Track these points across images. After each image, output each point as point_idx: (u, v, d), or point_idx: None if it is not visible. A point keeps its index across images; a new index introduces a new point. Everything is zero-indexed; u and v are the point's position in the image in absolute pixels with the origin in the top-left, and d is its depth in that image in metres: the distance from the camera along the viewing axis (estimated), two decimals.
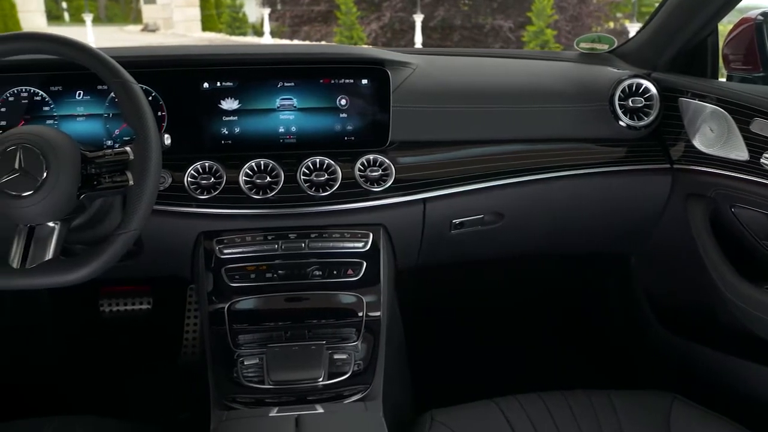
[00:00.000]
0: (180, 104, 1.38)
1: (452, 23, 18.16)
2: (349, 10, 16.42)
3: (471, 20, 18.32)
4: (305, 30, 19.71)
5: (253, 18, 22.29)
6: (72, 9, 26.91)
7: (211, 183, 1.35)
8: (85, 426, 1.23)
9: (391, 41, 18.07)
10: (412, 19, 17.58)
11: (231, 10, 21.30)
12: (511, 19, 17.58)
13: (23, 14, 16.85)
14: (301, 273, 1.35)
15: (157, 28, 23.31)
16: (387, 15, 18.43)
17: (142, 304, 2.17)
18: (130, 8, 29.42)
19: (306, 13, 19.86)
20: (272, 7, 20.56)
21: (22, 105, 1.37)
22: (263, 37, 19.19)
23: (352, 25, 16.46)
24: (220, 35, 20.49)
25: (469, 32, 18.26)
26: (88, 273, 1.06)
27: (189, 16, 22.68)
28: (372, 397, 1.22)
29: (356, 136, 1.42)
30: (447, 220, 1.47)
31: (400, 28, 18.55)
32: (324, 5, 19.44)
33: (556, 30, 15.57)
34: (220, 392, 1.23)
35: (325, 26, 19.31)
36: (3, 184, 1.02)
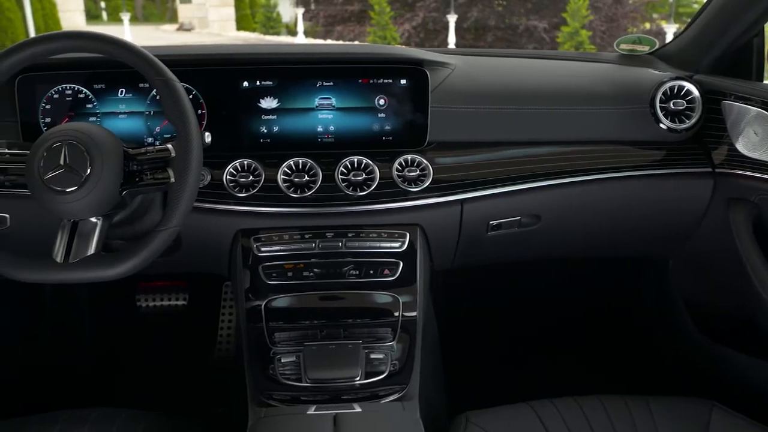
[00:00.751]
0: (220, 102, 1.39)
1: (486, 24, 18.05)
2: (383, 10, 16.42)
3: (505, 21, 18.20)
4: (338, 30, 19.75)
5: (286, 18, 22.41)
6: (110, 8, 27.37)
7: (250, 181, 1.36)
8: (123, 418, 1.25)
9: (424, 41, 18.03)
10: (446, 19, 17.51)
11: (265, 9, 21.42)
12: (546, 20, 17.43)
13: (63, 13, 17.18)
14: (338, 272, 1.35)
15: (192, 28, 23.57)
16: (420, 15, 18.39)
17: (178, 299, 2.19)
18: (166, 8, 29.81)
19: (339, 12, 19.90)
20: (306, 7, 20.65)
21: (66, 102, 1.39)
22: (297, 36, 19.28)
23: (385, 25, 16.46)
24: (254, 34, 20.63)
25: (503, 33, 18.14)
26: (129, 268, 1.08)
27: (224, 15, 22.89)
28: (409, 397, 1.22)
29: (394, 136, 1.42)
30: (484, 222, 1.47)
31: (433, 28, 18.49)
32: (357, 5, 19.46)
33: (591, 31, 15.41)
34: (258, 389, 1.24)
35: (358, 26, 19.33)
36: (48, 180, 1.05)
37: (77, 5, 21.62)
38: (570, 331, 2.19)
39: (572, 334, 2.18)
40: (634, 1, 17.28)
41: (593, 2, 15.65)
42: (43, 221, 1.22)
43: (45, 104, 1.39)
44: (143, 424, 1.23)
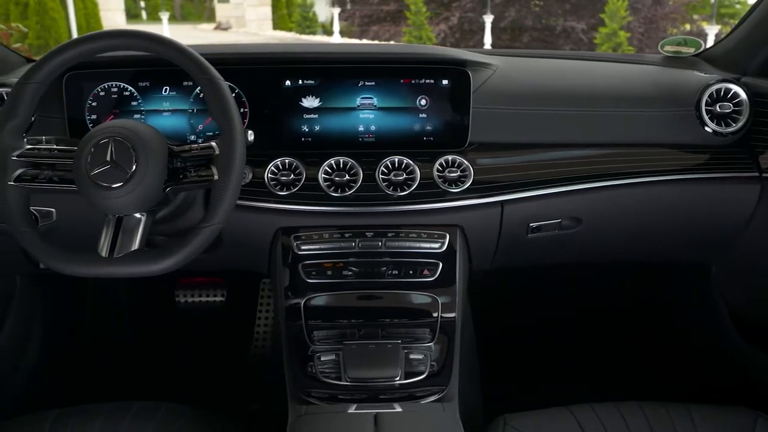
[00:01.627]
0: (262, 101, 1.40)
1: (522, 24, 17.91)
2: (419, 10, 16.37)
3: (542, 21, 18.04)
4: (374, 30, 19.76)
5: (322, 17, 22.49)
6: (149, 8, 27.74)
7: (291, 179, 1.37)
8: (162, 411, 1.26)
9: (459, 42, 17.95)
10: (482, 19, 17.41)
11: (302, 9, 21.54)
12: (584, 21, 17.23)
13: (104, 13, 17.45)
14: (377, 272, 1.36)
15: (229, 27, 23.79)
16: (456, 15, 18.32)
17: (216, 296, 2.22)
18: (204, 7, 30.11)
19: (375, 12, 19.91)
20: (342, 7, 20.71)
21: (111, 100, 1.42)
22: (332, 36, 19.35)
23: (421, 25, 16.41)
24: (291, 34, 20.76)
25: (540, 33, 17.99)
26: (172, 264, 1.10)
27: (261, 15, 23.06)
28: (448, 398, 1.22)
29: (435, 136, 1.42)
30: (524, 224, 1.45)
31: (469, 29, 18.40)
32: (393, 5, 19.45)
33: (629, 32, 15.18)
34: (297, 386, 1.24)
35: (394, 26, 19.32)
36: (95, 176, 1.06)
37: (118, 4, 21.96)
38: (607, 335, 2.16)
39: (610, 338, 2.16)
40: (674, 2, 16.99)
41: (632, 3, 15.42)
42: (87, 216, 1.24)
43: (91, 101, 1.42)
44: (182, 419, 1.25)
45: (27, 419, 1.25)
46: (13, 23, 8.54)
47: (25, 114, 1.14)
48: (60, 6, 12.90)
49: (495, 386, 1.72)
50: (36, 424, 1.22)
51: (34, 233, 1.13)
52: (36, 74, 1.14)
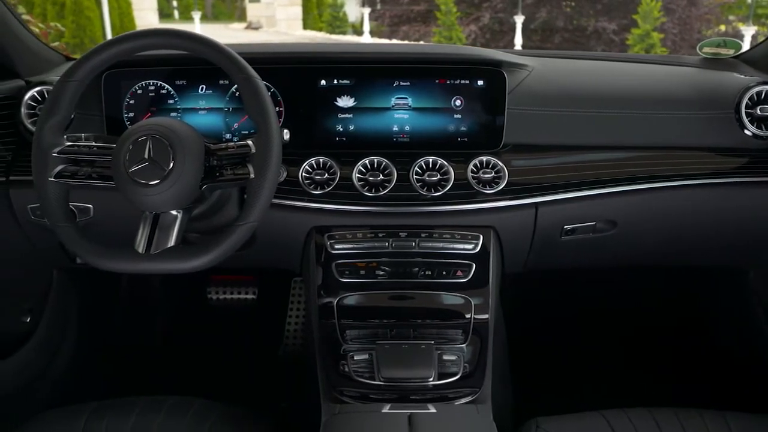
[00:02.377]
0: (297, 100, 1.41)
1: (554, 25, 17.78)
2: (449, 10, 16.31)
3: (573, 22, 17.89)
4: (404, 30, 19.75)
5: (352, 17, 22.53)
6: (181, 7, 28.00)
7: (325, 179, 1.37)
8: (196, 407, 1.28)
9: (489, 42, 17.87)
10: (512, 20, 17.32)
11: (332, 9, 21.60)
12: (615, 22, 17.05)
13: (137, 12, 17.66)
14: (410, 272, 1.35)
15: (260, 26, 23.93)
16: (486, 16, 18.24)
17: (248, 294, 2.23)
18: (235, 6, 30.34)
19: (405, 12, 19.90)
20: (372, 7, 20.74)
21: (149, 98, 1.43)
22: (362, 36, 19.38)
23: (451, 25, 16.36)
24: (321, 33, 20.81)
25: (571, 34, 17.84)
26: (208, 261, 1.10)
27: (291, 14, 23.15)
28: (482, 400, 1.21)
29: (470, 137, 1.41)
30: (558, 226, 1.44)
31: (499, 29, 18.31)
32: (423, 5, 19.42)
33: (663, 33, 14.98)
34: (330, 385, 1.25)
35: (423, 26, 19.29)
36: (133, 173, 1.07)
37: (151, 4, 22.19)
38: (641, 340, 2.13)
39: (643, 343, 2.13)
40: (709, 3, 16.72)
41: (666, 4, 15.21)
42: (123, 213, 1.25)
43: (129, 99, 1.43)
44: (214, 415, 1.26)
45: (64, 412, 1.27)
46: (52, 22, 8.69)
47: (65, 111, 1.16)
48: (95, 5, 13.08)
49: (524, 388, 1.71)
50: (73, 417, 1.24)
51: (72, 228, 1.14)
52: (77, 72, 1.15)
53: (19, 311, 1.63)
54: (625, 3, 16.77)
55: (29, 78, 1.51)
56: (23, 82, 1.49)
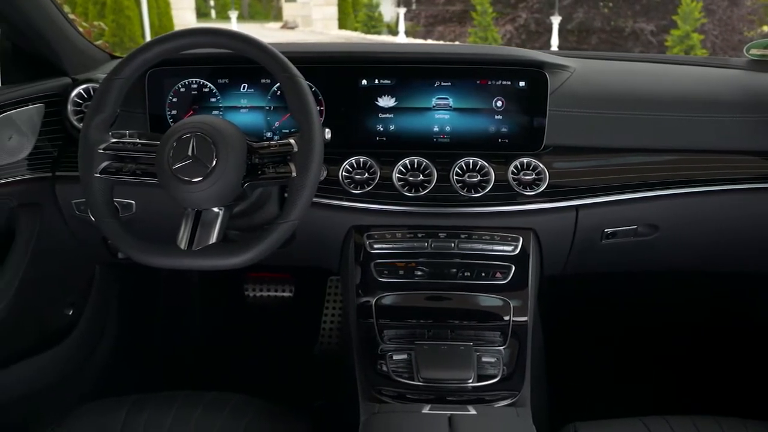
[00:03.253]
0: (338, 100, 1.41)
1: (591, 26, 17.60)
2: (485, 10, 16.24)
3: (611, 23, 17.69)
4: (439, 30, 19.72)
5: (387, 17, 22.56)
6: (218, 6, 28.29)
7: (365, 178, 1.37)
8: (233, 403, 1.29)
9: (525, 43, 17.75)
10: (549, 20, 17.18)
11: (367, 9, 21.65)
12: (654, 23, 16.83)
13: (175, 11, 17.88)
14: (449, 273, 1.35)
15: (296, 26, 24.06)
16: (523, 16, 18.13)
17: (284, 291, 2.25)
18: (271, 6, 30.56)
19: (441, 13, 19.87)
20: (407, 7, 20.74)
21: (191, 96, 1.45)
22: (397, 36, 19.39)
23: (487, 25, 16.28)
24: (356, 33, 20.87)
25: (608, 35, 17.64)
26: (249, 258, 1.11)
27: (327, 14, 23.25)
28: (521, 403, 1.20)
29: (510, 138, 1.40)
30: (599, 229, 1.43)
31: (535, 30, 18.18)
32: (459, 5, 19.37)
33: (703, 34, 14.73)
34: (368, 384, 1.25)
35: (459, 26, 19.24)
36: (176, 170, 1.09)
37: (188, 3, 22.44)
38: (681, 346, 2.10)
39: (683, 349, 2.09)
40: (752, 3, 16.39)
41: (707, 4, 14.94)
42: (165, 209, 1.27)
43: (172, 97, 1.45)
44: (252, 411, 1.27)
45: (105, 403, 1.29)
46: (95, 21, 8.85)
47: (111, 108, 1.17)
48: (134, 5, 13.28)
49: (561, 392, 1.69)
50: (114, 409, 1.26)
51: (116, 224, 1.16)
52: (123, 70, 1.17)
53: (62, 304, 1.66)
54: (664, 3, 16.54)
55: (76, 75, 1.54)
56: (70, 80, 1.52)
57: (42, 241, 1.46)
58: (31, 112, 1.42)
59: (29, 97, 1.42)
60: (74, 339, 1.66)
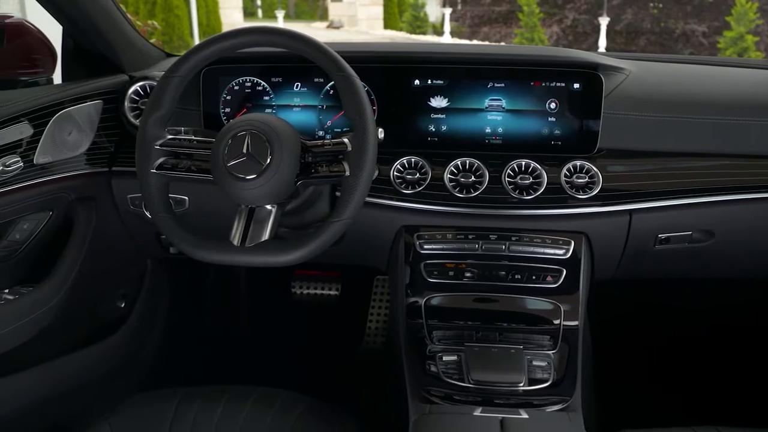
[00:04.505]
0: (391, 99, 1.42)
1: (639, 27, 17.32)
2: (532, 11, 16.12)
3: (660, 24, 17.38)
4: (484, 31, 19.63)
5: (433, 17, 22.53)
6: (265, 6, 28.61)
7: (416, 178, 1.37)
8: (282, 399, 1.29)
9: (572, 44, 17.54)
10: (596, 21, 16.96)
11: (413, 9, 21.65)
12: (705, 24, 16.48)
13: (223, 10, 18.14)
14: (499, 275, 1.34)
15: (341, 26, 24.21)
16: (570, 17, 17.93)
17: (331, 290, 2.26)
18: (317, 6, 30.78)
19: (487, 13, 19.77)
20: (453, 8, 20.69)
21: (245, 94, 1.46)
22: (443, 36, 19.36)
23: (533, 26, 16.16)
24: (401, 33, 20.91)
25: (657, 37, 17.34)
26: (301, 256, 1.12)
27: (372, 14, 23.33)
28: (573, 408, 1.19)
29: (564, 141, 1.39)
30: (652, 235, 1.40)
31: (582, 31, 17.97)
32: (505, 6, 19.25)
33: (758, 36, 14.36)
34: (418, 384, 1.24)
35: (504, 27, 19.12)
36: (231, 167, 1.10)
37: (236, 2, 22.74)
38: (734, 355, 2.05)
39: (736, 358, 2.04)
40: None
41: (763, 5, 14.56)
42: (217, 206, 1.29)
43: (226, 95, 1.47)
44: (300, 407, 1.27)
45: (156, 395, 1.32)
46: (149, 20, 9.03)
47: (168, 106, 1.19)
48: (183, 4, 13.50)
49: (609, 398, 1.67)
50: (165, 401, 1.28)
51: (171, 219, 1.18)
52: (181, 68, 1.19)
53: (114, 297, 1.70)
54: (716, 4, 16.18)
55: (132, 73, 1.57)
56: (127, 77, 1.55)
57: (97, 235, 1.49)
58: (90, 108, 1.45)
59: (88, 94, 1.45)
60: (126, 331, 1.70)
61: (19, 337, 1.32)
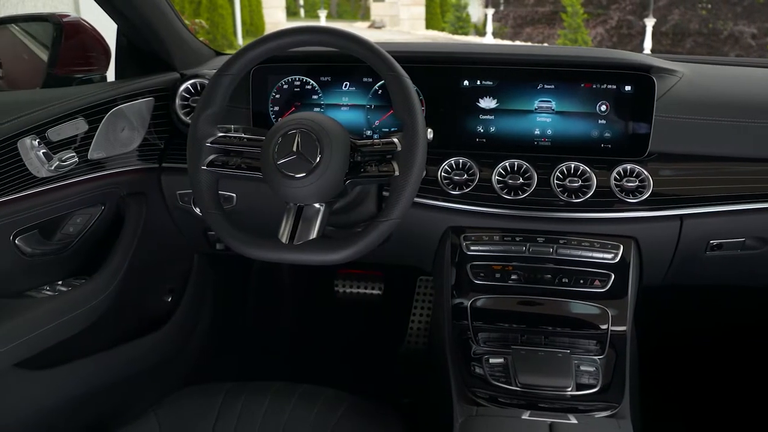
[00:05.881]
0: (439, 100, 1.41)
1: (686, 28, 16.99)
2: (576, 11, 15.94)
3: (708, 25, 17.03)
4: (527, 31, 19.48)
5: (475, 18, 22.43)
6: (307, 5, 28.79)
7: (464, 179, 1.37)
8: (326, 396, 1.30)
9: (616, 45, 17.29)
10: (641, 23, 16.70)
11: (455, 9, 21.59)
12: (755, 25, 16.10)
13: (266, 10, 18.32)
14: (546, 278, 1.33)
15: (383, 25, 24.23)
16: (615, 18, 17.69)
17: (374, 289, 2.26)
18: (359, 6, 30.86)
19: (530, 14, 19.63)
20: (496, 8, 20.57)
21: (294, 93, 1.47)
22: (485, 37, 19.25)
23: (577, 27, 15.97)
24: (443, 33, 20.86)
25: (705, 39, 17.00)
26: (349, 255, 1.12)
27: (414, 14, 23.31)
28: (622, 415, 1.17)
29: (614, 143, 1.37)
30: (704, 240, 1.37)
31: (627, 32, 17.71)
32: (549, 6, 19.07)
33: None
34: (464, 385, 1.24)
35: (548, 28, 18.95)
36: (281, 165, 1.10)
37: (279, 2, 22.92)
38: None
39: None
40: None
41: None
42: (264, 203, 1.30)
43: (275, 94, 1.48)
44: (345, 405, 1.28)
45: (202, 389, 1.33)
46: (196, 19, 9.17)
47: (220, 103, 1.20)
48: (227, 3, 13.68)
49: (653, 406, 1.64)
50: (211, 395, 1.30)
51: (221, 215, 1.19)
52: (232, 67, 1.20)
53: (161, 291, 1.73)
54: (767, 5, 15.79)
55: (183, 71, 1.60)
56: (178, 75, 1.58)
57: (147, 230, 1.52)
58: (142, 105, 1.48)
59: (140, 91, 1.47)
60: (172, 325, 1.72)
61: (71, 328, 1.35)
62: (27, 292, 1.33)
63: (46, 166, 1.24)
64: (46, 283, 1.37)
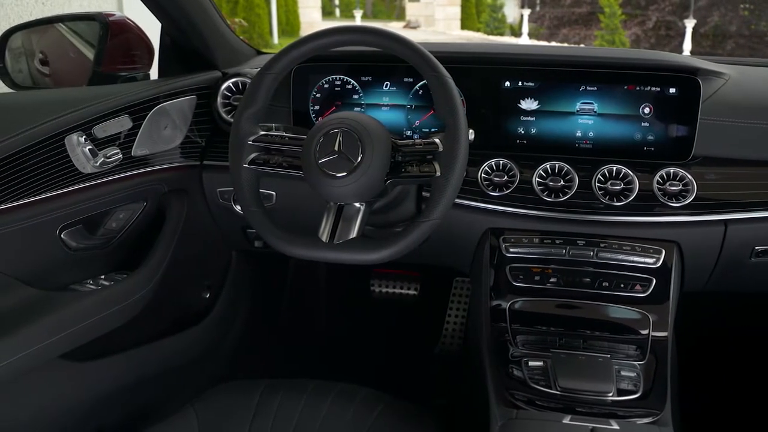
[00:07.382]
0: (480, 100, 1.41)
1: (726, 30, 16.69)
2: (614, 12, 15.76)
3: (750, 27, 16.71)
4: (563, 32, 19.31)
5: (510, 18, 22.31)
6: (342, 5, 28.89)
7: (504, 181, 1.36)
8: (362, 395, 1.30)
9: (654, 47, 17.05)
10: (681, 23, 16.44)
11: (491, 9, 21.49)
12: None
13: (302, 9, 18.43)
14: (586, 282, 1.31)
15: (418, 26, 24.21)
16: (653, 18, 17.44)
17: (410, 289, 2.26)
18: (394, 6, 30.88)
19: (566, 14, 19.45)
20: (532, 9, 20.43)
21: (335, 92, 1.48)
22: (520, 37, 19.14)
23: (615, 28, 15.79)
24: (478, 34, 20.78)
25: (746, 41, 16.67)
26: (389, 255, 1.12)
27: (449, 14, 23.26)
28: (664, 423, 1.15)
29: (657, 146, 1.35)
30: (749, 246, 1.35)
31: (665, 33, 17.45)
32: (586, 7, 18.87)
33: None
34: (503, 388, 1.23)
35: (584, 29, 18.76)
36: (322, 164, 1.11)
37: (315, 2, 23.04)
38: None
39: None
40: None
41: None
42: (303, 202, 1.30)
43: (315, 93, 1.49)
44: (381, 405, 1.28)
45: (240, 385, 1.35)
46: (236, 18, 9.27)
47: (262, 102, 1.21)
48: (264, 3, 13.80)
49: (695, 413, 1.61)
50: (249, 391, 1.31)
51: (261, 213, 1.20)
52: (275, 66, 1.20)
53: (200, 287, 1.75)
54: None
55: (225, 70, 1.61)
56: (220, 74, 1.59)
57: (187, 226, 1.54)
58: (184, 103, 1.49)
59: (182, 90, 1.49)
60: (210, 321, 1.74)
61: (113, 322, 1.37)
62: (71, 285, 1.36)
63: (91, 162, 1.26)
64: (89, 277, 1.40)
